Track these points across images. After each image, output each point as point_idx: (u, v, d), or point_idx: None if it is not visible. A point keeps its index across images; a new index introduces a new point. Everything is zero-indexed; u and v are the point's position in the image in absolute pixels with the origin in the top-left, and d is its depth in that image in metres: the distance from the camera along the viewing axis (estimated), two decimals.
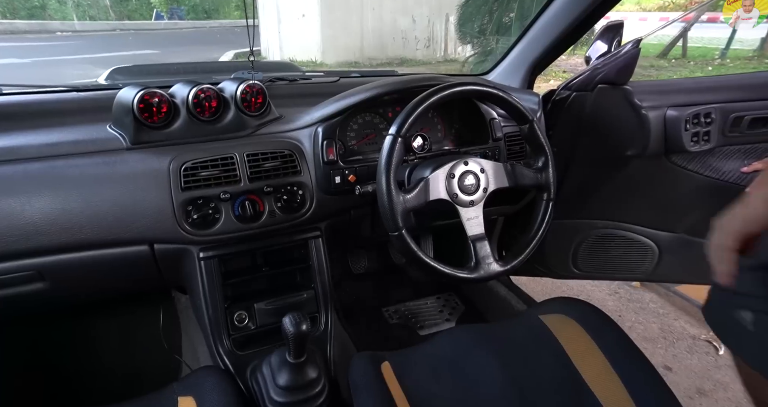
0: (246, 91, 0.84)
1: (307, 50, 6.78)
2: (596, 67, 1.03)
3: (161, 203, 0.76)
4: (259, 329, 0.87)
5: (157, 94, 0.77)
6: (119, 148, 0.78)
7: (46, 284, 0.77)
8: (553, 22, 1.07)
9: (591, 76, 1.04)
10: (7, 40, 8.19)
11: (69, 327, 1.08)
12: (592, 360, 0.71)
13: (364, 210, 0.97)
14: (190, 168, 0.78)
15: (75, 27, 10.16)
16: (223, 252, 0.85)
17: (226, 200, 0.80)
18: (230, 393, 0.69)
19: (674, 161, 1.08)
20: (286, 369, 0.73)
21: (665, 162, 1.08)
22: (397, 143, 0.72)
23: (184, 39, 9.93)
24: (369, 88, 0.89)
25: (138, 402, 0.70)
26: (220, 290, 0.85)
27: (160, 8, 12.94)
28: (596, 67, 1.03)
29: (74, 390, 1.02)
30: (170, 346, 1.09)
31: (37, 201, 0.70)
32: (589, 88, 1.05)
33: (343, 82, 1.12)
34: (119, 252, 0.78)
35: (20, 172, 0.70)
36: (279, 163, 0.84)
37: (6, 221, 0.68)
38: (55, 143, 0.75)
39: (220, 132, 0.84)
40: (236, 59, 7.23)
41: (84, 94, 0.93)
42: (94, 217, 0.73)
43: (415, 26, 7.10)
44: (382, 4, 6.80)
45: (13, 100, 0.86)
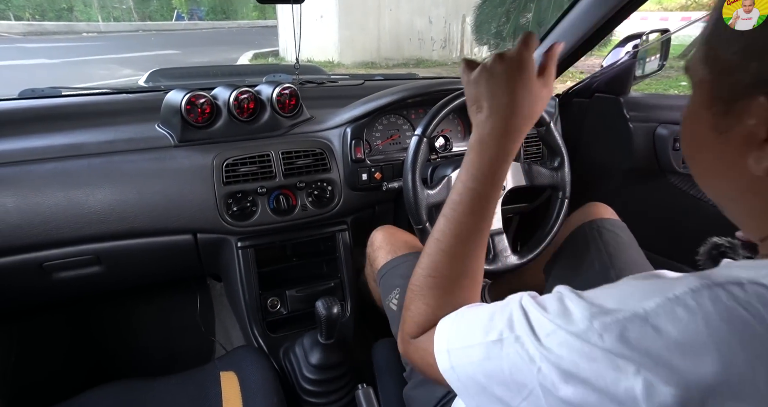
0: (281, 93, 0.91)
1: (325, 51, 6.88)
2: (595, 75, 1.06)
3: (205, 195, 0.84)
4: (290, 314, 0.94)
5: (202, 96, 0.85)
6: (168, 145, 0.86)
7: (102, 267, 0.85)
8: (574, 26, 1.08)
9: (589, 84, 1.07)
10: (36, 41, 8.50)
11: (114, 310, 1.17)
12: None
13: (388, 205, 1.03)
14: (231, 164, 0.85)
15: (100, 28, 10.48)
16: (259, 242, 0.92)
17: (262, 194, 0.87)
18: (267, 368, 0.76)
19: (670, 181, 1.03)
20: (318, 349, 0.80)
21: (661, 180, 1.04)
22: (422, 143, 0.78)
23: (203, 39, 10.15)
24: (394, 92, 0.95)
25: (184, 376, 0.77)
26: (255, 277, 0.92)
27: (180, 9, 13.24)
28: (594, 76, 1.06)
29: (117, 366, 1.11)
30: (206, 329, 1.17)
31: (99, 192, 0.78)
32: (586, 95, 1.08)
33: (367, 85, 1.19)
34: (166, 240, 0.86)
35: (84, 166, 0.78)
36: (311, 160, 0.91)
37: (73, 209, 0.76)
38: (112, 140, 0.84)
39: (257, 132, 0.91)
40: (255, 59, 7.39)
41: (132, 96, 1.01)
42: (147, 207, 0.81)
43: (432, 27, 7.14)
44: (399, 5, 6.85)
45: (71, 102, 0.95)
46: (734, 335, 0.24)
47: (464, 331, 0.38)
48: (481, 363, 0.35)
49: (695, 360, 0.24)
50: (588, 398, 0.27)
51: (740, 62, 0.28)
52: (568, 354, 0.29)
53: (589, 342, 0.28)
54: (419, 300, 0.48)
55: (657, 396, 0.25)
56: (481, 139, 0.49)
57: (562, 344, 0.29)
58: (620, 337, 0.27)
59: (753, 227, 0.33)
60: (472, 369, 0.36)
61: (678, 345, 0.25)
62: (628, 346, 0.26)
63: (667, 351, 0.25)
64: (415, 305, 0.48)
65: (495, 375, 0.33)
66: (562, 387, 0.28)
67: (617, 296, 0.29)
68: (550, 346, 0.30)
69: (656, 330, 0.26)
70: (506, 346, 0.33)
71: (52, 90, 1.00)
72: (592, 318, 0.28)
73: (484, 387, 0.34)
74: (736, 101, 0.29)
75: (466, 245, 0.48)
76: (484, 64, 0.50)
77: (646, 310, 0.27)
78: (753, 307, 0.24)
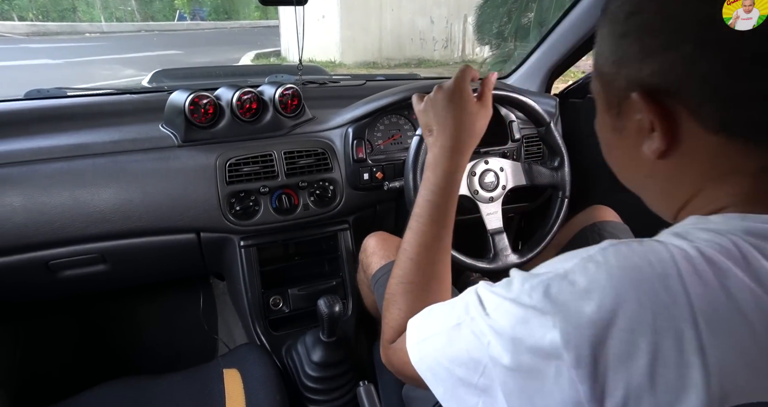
0: (283, 94, 0.92)
1: (327, 51, 6.89)
2: (588, 75, 1.06)
3: (208, 195, 0.85)
4: (293, 312, 0.95)
5: (205, 96, 0.86)
6: (171, 145, 0.87)
7: (106, 266, 0.86)
8: (573, 28, 1.10)
9: (582, 85, 1.07)
10: (40, 41, 8.54)
11: (118, 308, 1.19)
12: None
13: (389, 205, 1.04)
14: (234, 164, 0.86)
15: (103, 28, 10.51)
16: (261, 241, 0.93)
17: (265, 194, 0.88)
18: (270, 366, 0.77)
19: None
20: (320, 346, 0.81)
21: None
22: (423, 143, 0.79)
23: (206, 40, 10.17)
24: (395, 92, 0.96)
25: (187, 373, 0.78)
26: (258, 276, 0.93)
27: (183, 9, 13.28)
28: (588, 76, 1.06)
29: (121, 363, 1.12)
30: (209, 327, 1.18)
31: (104, 192, 0.79)
32: (580, 96, 1.08)
33: (369, 85, 1.19)
34: (170, 239, 0.87)
35: (90, 166, 0.79)
36: (313, 160, 0.91)
37: (78, 209, 0.77)
38: (117, 140, 0.85)
39: (260, 132, 0.92)
40: (257, 60, 7.40)
41: (136, 96, 1.02)
42: (151, 206, 0.82)
43: (433, 27, 7.14)
44: (401, 5, 6.86)
45: (77, 102, 0.96)
46: (626, 277, 0.28)
47: (430, 323, 0.41)
48: (444, 349, 0.37)
49: (598, 302, 0.28)
50: (523, 359, 0.30)
51: (616, 71, 0.34)
52: (508, 320, 0.32)
53: (523, 304, 0.31)
54: (393, 307, 0.52)
55: (573, 340, 0.28)
56: (434, 157, 0.58)
57: (504, 313, 0.32)
58: (544, 293, 0.30)
59: (664, 209, 0.38)
60: (437, 355, 0.38)
61: (586, 291, 0.29)
62: (549, 299, 0.30)
63: (577, 298, 0.29)
64: (389, 312, 0.52)
65: (456, 357, 0.35)
66: (504, 354, 0.31)
67: (548, 263, 0.33)
68: (495, 317, 0.33)
69: (571, 283, 0.30)
70: (463, 328, 0.35)
71: (58, 91, 1.01)
72: (524, 281, 0.32)
73: (449, 371, 0.36)
74: (621, 104, 0.34)
75: (430, 252, 0.54)
76: (429, 95, 0.61)
77: (566, 269, 0.31)
78: (645, 256, 0.29)
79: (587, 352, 0.27)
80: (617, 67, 0.34)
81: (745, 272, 0.27)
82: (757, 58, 0.27)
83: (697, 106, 0.30)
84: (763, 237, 0.28)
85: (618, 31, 0.33)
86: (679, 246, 0.29)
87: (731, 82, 0.28)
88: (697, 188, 0.33)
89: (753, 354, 0.25)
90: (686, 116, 0.31)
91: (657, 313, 0.27)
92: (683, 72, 0.29)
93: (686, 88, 0.30)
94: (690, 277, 0.27)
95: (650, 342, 0.26)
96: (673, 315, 0.26)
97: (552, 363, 0.29)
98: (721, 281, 0.27)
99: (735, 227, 0.29)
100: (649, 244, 0.29)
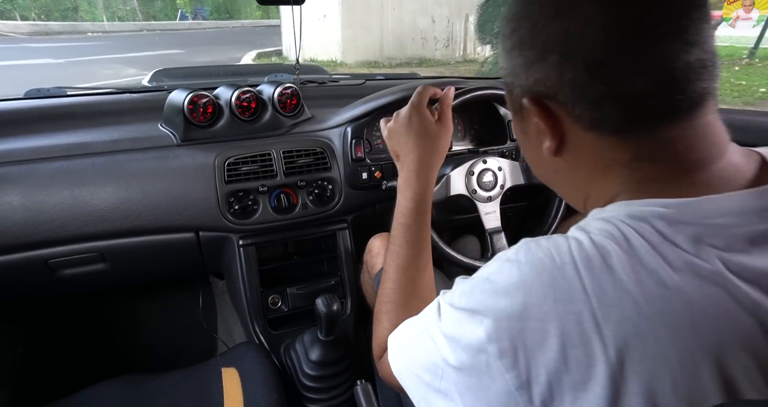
0: (282, 93, 0.92)
1: (328, 50, 6.89)
2: None
3: (207, 194, 0.85)
4: (291, 311, 0.95)
5: (205, 95, 0.86)
6: (170, 144, 0.87)
7: (106, 265, 0.86)
8: None
9: None
10: (42, 41, 8.57)
11: (118, 307, 1.19)
12: None
13: (388, 204, 1.03)
14: (233, 163, 0.86)
15: (105, 28, 10.54)
16: (260, 240, 0.93)
17: (263, 193, 0.88)
18: (268, 365, 0.78)
19: None
20: (318, 345, 0.81)
21: None
22: None
23: (207, 39, 10.19)
24: (394, 91, 0.96)
25: (186, 372, 0.79)
26: (256, 275, 0.93)
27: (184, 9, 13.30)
28: None
29: (121, 362, 1.13)
30: (208, 326, 1.19)
31: (103, 191, 0.79)
32: None
33: (368, 84, 1.20)
34: (169, 238, 0.87)
35: (89, 165, 0.80)
36: (311, 160, 0.91)
37: (78, 208, 0.78)
38: (116, 139, 0.85)
39: (259, 131, 0.92)
40: (259, 59, 7.41)
41: (136, 95, 1.02)
42: (150, 206, 0.82)
43: (435, 26, 7.13)
44: (402, 4, 6.85)
45: (76, 101, 0.96)
46: (533, 272, 0.32)
47: (404, 335, 0.44)
48: (413, 357, 0.40)
49: (511, 298, 0.31)
50: (462, 357, 0.33)
51: (512, 81, 0.39)
52: (450, 323, 0.35)
53: (457, 307, 0.35)
54: (378, 325, 0.55)
55: (494, 334, 0.31)
56: (403, 180, 0.61)
57: (447, 317, 0.36)
58: (471, 295, 0.34)
59: (574, 200, 0.42)
60: (408, 363, 0.41)
61: (502, 289, 0.32)
62: (475, 301, 0.33)
63: (495, 296, 0.32)
64: (375, 330, 0.55)
65: (422, 363, 0.38)
66: (450, 355, 0.34)
67: (481, 270, 0.36)
68: (443, 321, 0.36)
69: (491, 283, 0.33)
70: (425, 335, 0.38)
71: (58, 90, 1.01)
72: (457, 286, 0.36)
73: (419, 378, 0.38)
74: (521, 109, 0.38)
75: (408, 272, 0.56)
76: (390, 124, 0.65)
77: (489, 271, 0.34)
78: (548, 251, 0.32)
79: (507, 343, 0.30)
80: (512, 78, 0.38)
81: (626, 252, 0.30)
82: (603, 64, 0.31)
83: (571, 107, 0.34)
84: (641, 219, 0.31)
85: (506, 47, 0.38)
86: (576, 237, 0.32)
87: (592, 85, 0.32)
88: (591, 180, 0.37)
89: (637, 322, 0.28)
90: (566, 117, 0.35)
91: (558, 300, 0.30)
92: (556, 79, 0.34)
93: (561, 93, 0.34)
94: (582, 263, 0.30)
95: (557, 326, 0.29)
96: (571, 300, 0.30)
97: (482, 357, 0.32)
98: (607, 262, 0.30)
99: (620, 213, 0.33)
100: (555, 239, 0.33)
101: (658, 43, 0.30)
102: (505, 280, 0.32)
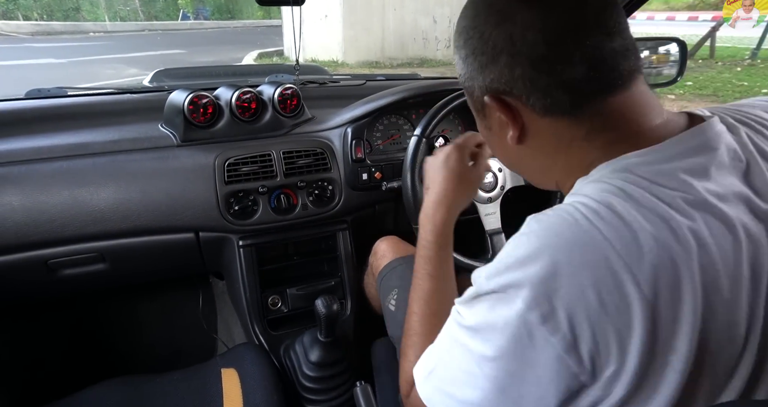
0: (282, 94, 0.92)
1: (329, 50, 6.89)
2: None
3: (207, 194, 0.85)
4: (291, 312, 0.95)
5: (205, 96, 0.86)
6: (170, 145, 0.87)
7: (106, 265, 0.86)
8: None
9: None
10: (44, 41, 8.58)
11: (118, 307, 1.19)
12: None
13: (388, 205, 1.03)
14: (233, 164, 0.86)
15: (107, 28, 10.56)
16: (260, 241, 0.93)
17: (263, 194, 0.88)
18: (267, 366, 0.77)
19: None
20: (318, 346, 0.81)
21: None
22: (421, 143, 0.78)
23: (209, 39, 10.20)
24: (395, 92, 0.96)
25: (185, 373, 0.78)
26: (256, 276, 0.93)
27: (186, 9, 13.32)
28: None
29: (121, 362, 1.13)
30: (208, 327, 1.19)
31: (104, 191, 0.79)
32: None
33: (369, 85, 1.19)
34: (169, 239, 0.87)
35: (90, 165, 0.80)
36: (311, 160, 0.91)
37: (78, 208, 0.78)
38: (117, 139, 0.85)
39: (259, 131, 0.92)
40: (260, 59, 7.41)
41: (137, 96, 1.03)
42: (150, 206, 0.82)
43: (436, 27, 7.13)
44: (404, 4, 6.84)
45: (77, 102, 0.97)
46: (550, 234, 0.33)
47: (429, 359, 0.43)
48: (443, 375, 0.39)
49: (539, 260, 0.32)
50: (500, 341, 0.33)
51: (471, 84, 0.43)
52: (480, 312, 0.35)
53: (486, 292, 0.35)
54: (404, 360, 0.54)
55: (533, 301, 0.32)
56: (424, 212, 0.63)
57: (476, 310, 0.36)
58: (498, 275, 0.35)
59: (543, 183, 0.47)
60: (440, 383, 0.40)
61: (527, 257, 0.33)
62: (503, 278, 0.34)
63: (522, 266, 0.33)
64: (401, 366, 0.54)
65: (454, 377, 0.38)
66: (485, 347, 0.34)
67: (498, 255, 0.37)
68: (469, 317, 0.37)
69: (514, 257, 0.34)
70: (452, 349, 0.38)
71: (58, 90, 1.02)
72: (481, 272, 0.37)
73: (452, 397, 0.38)
74: (483, 108, 0.44)
75: (430, 305, 0.56)
76: (430, 157, 0.68)
77: (506, 251, 0.36)
78: (557, 214, 0.35)
79: (547, 306, 0.31)
80: (471, 81, 0.43)
81: (625, 199, 0.33)
82: (545, 58, 0.37)
83: (526, 98, 0.39)
84: (624, 171, 0.36)
85: (462, 56, 0.43)
86: (577, 200, 0.35)
87: (539, 77, 0.37)
88: (555, 159, 0.42)
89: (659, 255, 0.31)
90: (522, 107, 0.40)
91: (584, 250, 0.32)
92: (509, 76, 0.39)
93: (515, 87, 0.39)
94: (592, 215, 0.33)
95: (589, 276, 0.31)
96: (596, 247, 0.32)
97: (523, 330, 0.32)
98: (613, 210, 0.33)
99: (604, 173, 0.37)
100: (558, 206, 0.36)
101: (586, 36, 0.36)
102: (527, 249, 0.34)
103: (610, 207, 0.33)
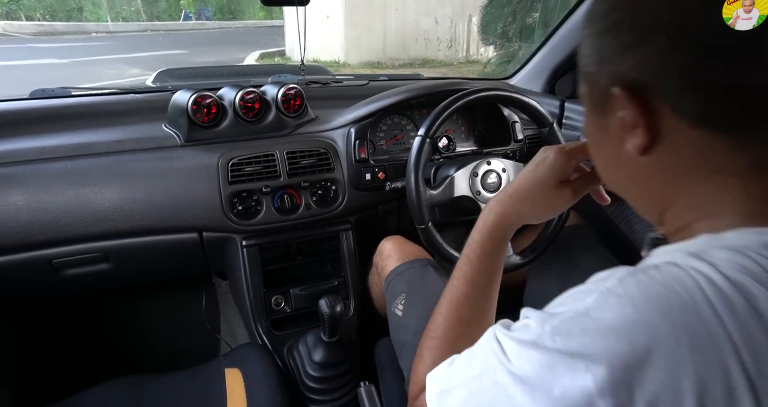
0: (286, 94, 0.92)
1: (331, 51, 6.90)
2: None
3: (211, 194, 0.85)
4: (294, 312, 0.95)
5: (208, 96, 0.86)
6: (174, 145, 0.87)
7: (110, 265, 0.86)
8: (577, 28, 1.10)
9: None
10: (47, 41, 8.60)
11: (121, 307, 1.19)
12: None
13: (391, 205, 1.03)
14: (237, 164, 0.86)
15: (109, 28, 10.59)
16: (264, 241, 0.93)
17: (267, 194, 0.88)
18: (271, 365, 0.77)
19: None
20: (321, 346, 0.80)
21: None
22: (425, 143, 0.78)
23: (211, 39, 10.21)
24: (398, 92, 0.96)
25: (189, 373, 0.79)
26: (260, 276, 0.93)
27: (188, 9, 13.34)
28: None
29: (124, 362, 1.13)
30: (211, 327, 1.19)
31: (108, 191, 0.79)
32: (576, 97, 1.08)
33: (372, 85, 1.19)
34: (172, 239, 0.87)
35: (94, 165, 0.80)
36: (315, 160, 0.91)
37: (83, 208, 0.78)
38: (121, 140, 0.85)
39: (262, 131, 0.92)
40: (262, 59, 7.42)
41: (140, 96, 1.03)
42: (154, 206, 0.82)
43: (438, 27, 7.13)
44: (405, 5, 6.85)
45: (81, 102, 0.97)
46: (655, 311, 0.26)
47: (451, 374, 0.38)
48: (465, 402, 0.34)
49: (629, 340, 0.26)
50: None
51: (599, 70, 0.34)
52: (532, 366, 0.29)
53: (545, 347, 0.28)
54: (419, 361, 0.49)
55: (609, 386, 0.25)
56: (488, 204, 0.55)
57: (526, 359, 0.29)
58: (568, 334, 0.28)
59: (647, 210, 0.37)
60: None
61: (614, 329, 0.26)
62: (575, 341, 0.27)
63: (605, 337, 0.26)
64: (415, 367, 0.49)
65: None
66: (525, 401, 0.28)
67: (564, 300, 0.31)
68: (518, 364, 0.30)
69: (595, 321, 0.27)
70: (485, 379, 0.32)
71: (62, 90, 1.02)
72: (543, 322, 0.29)
73: None
74: (605, 102, 0.34)
75: (460, 310, 0.50)
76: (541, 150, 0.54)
77: (586, 306, 0.28)
78: (668, 284, 0.26)
79: (625, 398, 0.25)
80: (600, 65, 0.34)
81: None
82: (727, 48, 0.27)
83: (677, 99, 0.30)
84: None
85: (598, 30, 0.33)
86: (699, 270, 0.26)
87: (707, 73, 0.28)
88: (679, 187, 0.32)
89: None
90: (666, 110, 0.30)
91: (696, 348, 0.24)
92: (660, 65, 0.29)
93: (664, 81, 0.30)
94: (721, 305, 0.25)
95: (695, 381, 0.24)
96: (715, 350, 0.24)
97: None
98: (753, 306, 0.25)
99: (753, 243, 0.27)
100: (668, 270, 0.27)
101: None
102: (616, 318, 0.26)
103: (750, 301, 0.25)
